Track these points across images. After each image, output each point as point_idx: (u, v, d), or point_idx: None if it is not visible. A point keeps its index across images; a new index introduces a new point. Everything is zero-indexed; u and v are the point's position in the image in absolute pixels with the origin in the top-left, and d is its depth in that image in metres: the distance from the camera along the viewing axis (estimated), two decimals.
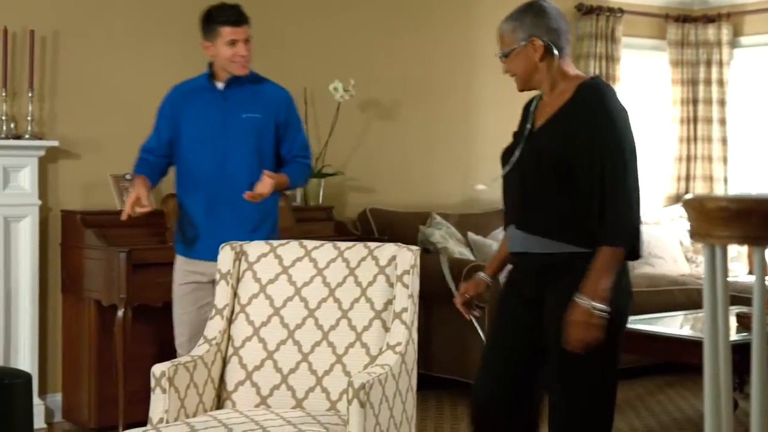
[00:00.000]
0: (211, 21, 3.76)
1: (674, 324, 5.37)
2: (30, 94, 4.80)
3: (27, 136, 4.79)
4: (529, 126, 2.84)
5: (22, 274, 4.72)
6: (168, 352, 3.95)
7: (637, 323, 5.21)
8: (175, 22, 5.32)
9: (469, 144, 6.55)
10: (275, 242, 3.54)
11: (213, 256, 3.65)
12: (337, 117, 5.76)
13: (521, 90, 2.89)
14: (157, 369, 3.20)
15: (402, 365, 3.22)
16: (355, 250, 3.45)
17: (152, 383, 3.19)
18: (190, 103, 3.82)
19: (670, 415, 5.14)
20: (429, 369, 5.27)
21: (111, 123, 5.13)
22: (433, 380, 5.45)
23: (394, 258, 3.38)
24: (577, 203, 2.68)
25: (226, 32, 3.71)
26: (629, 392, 5.56)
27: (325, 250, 3.48)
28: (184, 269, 3.89)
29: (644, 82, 7.27)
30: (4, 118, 4.74)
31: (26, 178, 4.76)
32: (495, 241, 6.06)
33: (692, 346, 4.79)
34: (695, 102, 7.22)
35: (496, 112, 6.67)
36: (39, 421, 4.58)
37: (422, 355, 3.57)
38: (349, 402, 2.94)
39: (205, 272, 3.80)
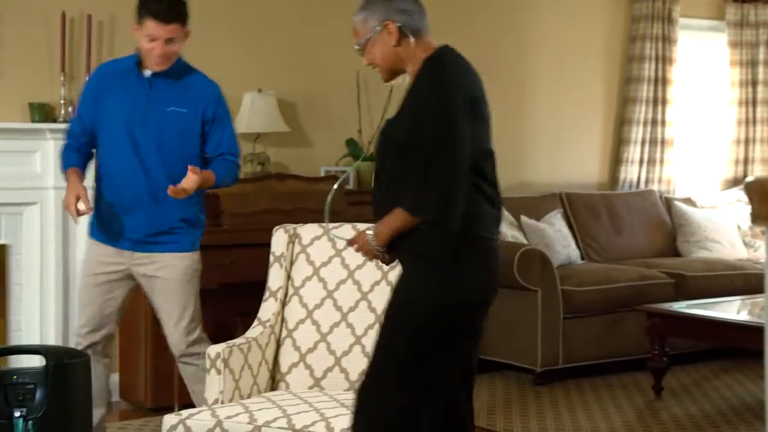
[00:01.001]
0: (142, 6, 3.45)
1: (731, 309, 5.29)
2: (87, 78, 4.86)
3: None
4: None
5: (81, 255, 4.79)
6: (223, 334, 3.98)
7: (694, 308, 5.15)
8: (233, 3, 5.34)
9: (522, 131, 6.50)
10: (329, 225, 3.55)
11: (127, 247, 3.54)
12: (389, 100, 5.72)
13: (387, 81, 2.80)
14: (213, 350, 3.23)
15: None
16: None
17: (207, 364, 3.23)
18: (114, 87, 3.54)
19: (727, 401, 5.08)
20: (481, 352, 5.26)
21: None
22: (487, 364, 5.44)
23: None
24: (416, 185, 2.58)
25: (149, 25, 3.41)
26: (685, 378, 5.50)
27: None
28: (97, 258, 3.62)
29: (702, 64, 7.15)
30: (62, 101, 4.81)
31: None
32: (548, 224, 6.02)
33: (750, 331, 4.72)
34: (754, 83, 7.08)
35: (550, 101, 6.61)
36: None
37: None
38: None
39: (116, 261, 3.58)
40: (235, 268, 4.69)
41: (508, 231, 5.73)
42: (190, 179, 3.36)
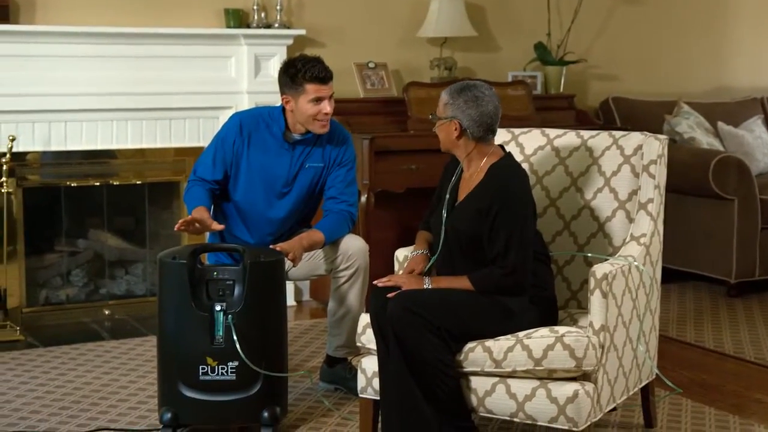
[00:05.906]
0: (296, 76, 3.48)
1: None
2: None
3: (276, 25, 4.95)
4: (450, 198, 3.08)
5: None
6: (409, 238, 4.03)
7: None
8: None
9: (722, 31, 6.18)
10: (516, 130, 3.50)
11: None
12: (580, 2, 5.57)
13: (443, 151, 3.13)
14: (401, 253, 3.30)
15: (646, 257, 3.14)
16: (599, 139, 3.36)
17: (395, 267, 3.30)
18: (256, 146, 3.59)
19: None
20: (671, 262, 5.13)
21: (354, 12, 5.21)
22: (677, 274, 5.31)
23: (640, 147, 3.27)
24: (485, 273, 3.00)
25: (312, 89, 3.47)
26: None
27: (567, 139, 3.41)
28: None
29: None
30: (255, 8, 4.91)
31: (275, 66, 4.92)
32: (747, 131, 5.74)
33: None
34: None
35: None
36: (289, 299, 4.86)
37: (667, 249, 3.46)
38: (591, 292, 2.90)
39: None
40: (421, 173, 4.73)
41: (703, 138, 5.51)
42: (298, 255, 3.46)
